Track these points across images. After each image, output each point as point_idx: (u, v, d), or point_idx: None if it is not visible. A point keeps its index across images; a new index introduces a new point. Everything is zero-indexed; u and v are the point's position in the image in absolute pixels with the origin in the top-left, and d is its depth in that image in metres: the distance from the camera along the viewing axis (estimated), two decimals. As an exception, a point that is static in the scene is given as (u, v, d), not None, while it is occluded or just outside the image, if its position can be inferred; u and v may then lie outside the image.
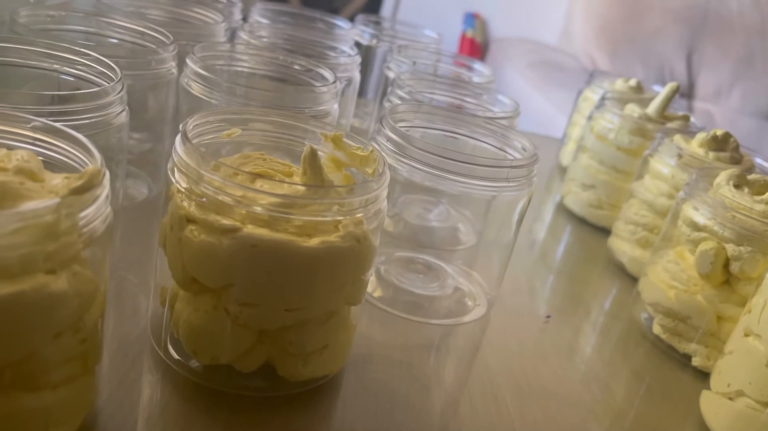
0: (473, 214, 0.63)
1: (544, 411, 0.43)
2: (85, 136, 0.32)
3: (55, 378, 0.29)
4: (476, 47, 2.12)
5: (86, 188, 0.28)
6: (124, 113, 0.43)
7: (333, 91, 0.52)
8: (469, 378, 0.45)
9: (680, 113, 0.75)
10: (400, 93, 0.61)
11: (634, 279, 0.63)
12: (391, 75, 0.70)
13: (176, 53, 0.53)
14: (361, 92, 0.80)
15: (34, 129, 0.32)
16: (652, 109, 0.72)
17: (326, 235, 0.35)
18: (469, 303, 0.53)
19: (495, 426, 0.41)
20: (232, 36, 0.69)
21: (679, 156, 0.61)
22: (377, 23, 0.88)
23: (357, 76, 0.66)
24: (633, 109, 0.72)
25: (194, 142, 0.36)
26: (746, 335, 0.43)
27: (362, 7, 2.14)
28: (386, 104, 0.63)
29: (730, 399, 0.43)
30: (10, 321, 0.26)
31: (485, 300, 0.53)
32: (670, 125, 0.71)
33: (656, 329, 0.54)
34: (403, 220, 0.61)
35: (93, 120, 0.40)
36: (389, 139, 0.46)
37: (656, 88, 0.87)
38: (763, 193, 0.51)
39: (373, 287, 0.52)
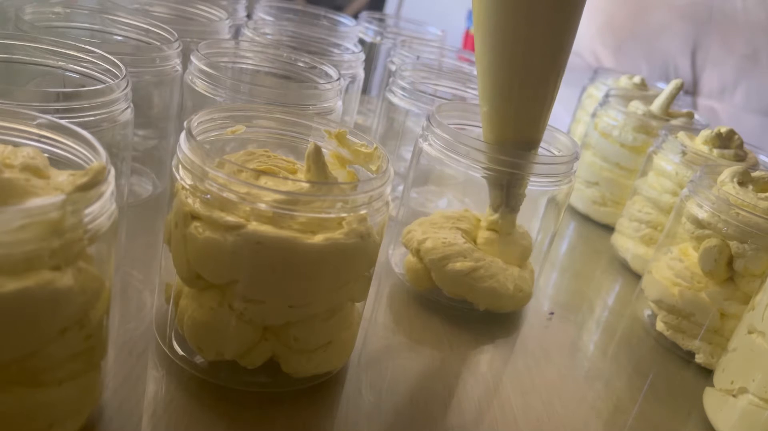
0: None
1: (547, 408, 0.43)
2: (90, 132, 0.32)
3: (61, 374, 0.30)
4: (480, 44, 2.11)
5: (91, 185, 0.28)
6: (128, 110, 0.43)
7: (337, 88, 0.52)
8: (472, 375, 0.45)
9: (684, 110, 0.75)
10: (402, 83, 0.61)
11: (637, 276, 0.63)
12: (394, 68, 0.70)
13: (181, 50, 0.53)
14: (365, 89, 0.80)
15: (39, 126, 0.32)
16: (656, 106, 0.72)
17: (330, 232, 0.35)
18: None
19: (498, 422, 0.41)
20: (237, 33, 0.69)
21: (683, 153, 0.60)
22: (381, 20, 0.88)
23: (361, 73, 0.66)
24: (637, 106, 0.72)
25: (199, 139, 0.36)
26: (750, 332, 0.43)
27: (366, 5, 2.13)
28: (387, 95, 0.63)
29: (734, 396, 0.43)
30: (16, 318, 0.26)
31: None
32: (674, 122, 0.71)
33: (659, 326, 0.54)
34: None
35: (98, 117, 0.40)
36: (439, 137, 0.49)
37: (660, 85, 0.87)
38: (767, 190, 0.51)
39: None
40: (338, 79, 0.53)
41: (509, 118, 0.48)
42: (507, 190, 0.50)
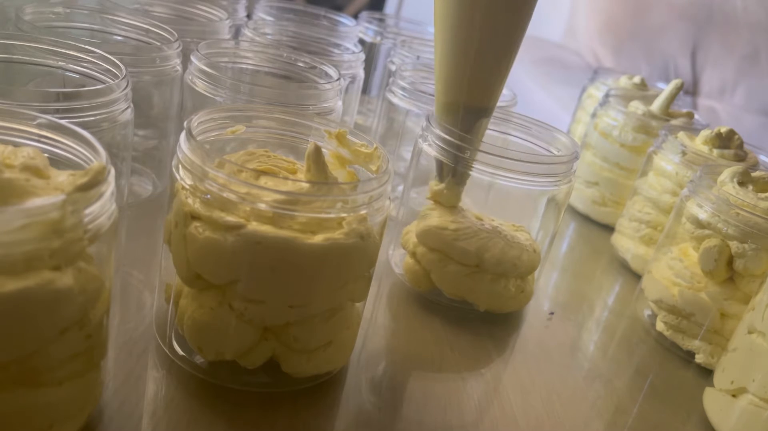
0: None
1: (547, 408, 0.43)
2: (91, 133, 0.32)
3: (61, 374, 0.30)
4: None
5: (91, 185, 0.28)
6: (129, 110, 0.43)
7: (337, 88, 0.52)
8: (472, 375, 0.45)
9: (684, 110, 0.75)
10: (402, 83, 0.61)
11: (637, 277, 0.63)
12: (394, 68, 0.70)
13: (181, 50, 0.53)
14: (365, 89, 0.80)
15: (39, 126, 0.33)
16: (656, 106, 0.72)
17: (330, 232, 0.35)
18: None
19: (498, 422, 0.41)
20: (237, 33, 0.69)
21: (683, 153, 0.60)
22: (381, 20, 0.88)
23: (361, 73, 0.66)
24: (637, 106, 0.72)
25: (199, 139, 0.37)
26: (750, 332, 0.43)
27: (366, 4, 2.13)
28: (387, 95, 0.63)
29: (734, 396, 0.43)
30: (16, 318, 0.26)
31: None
32: (674, 122, 0.71)
33: (659, 326, 0.54)
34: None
35: (98, 117, 0.40)
36: (439, 137, 0.49)
37: (660, 85, 0.87)
38: (767, 190, 0.51)
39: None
40: (338, 79, 0.53)
41: (463, 81, 0.47)
42: (455, 167, 0.50)
